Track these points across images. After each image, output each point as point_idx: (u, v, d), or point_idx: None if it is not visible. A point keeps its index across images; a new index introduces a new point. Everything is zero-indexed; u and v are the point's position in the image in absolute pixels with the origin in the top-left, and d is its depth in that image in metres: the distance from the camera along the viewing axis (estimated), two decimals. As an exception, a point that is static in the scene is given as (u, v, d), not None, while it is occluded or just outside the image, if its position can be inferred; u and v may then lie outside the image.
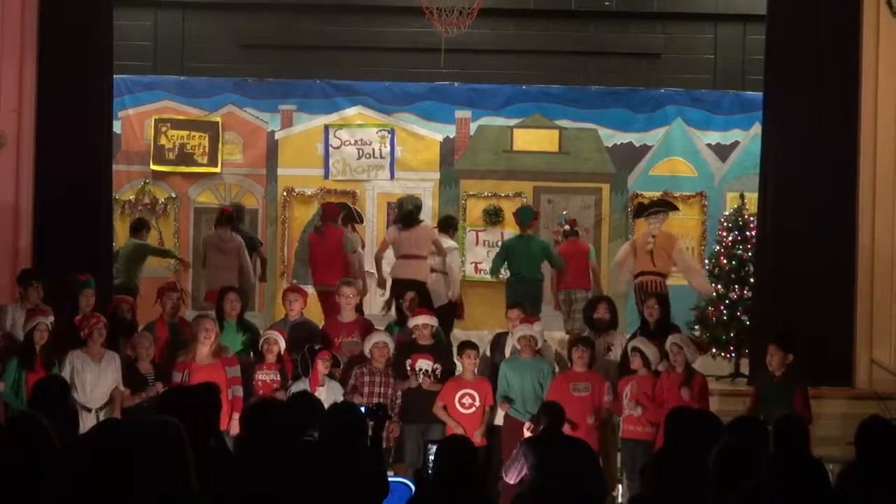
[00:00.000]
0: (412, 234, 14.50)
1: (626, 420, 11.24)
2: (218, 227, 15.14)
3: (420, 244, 14.50)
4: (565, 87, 18.66)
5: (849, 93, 13.93)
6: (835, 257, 13.89)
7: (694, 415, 7.95)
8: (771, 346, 11.31)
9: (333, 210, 15.28)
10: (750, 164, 17.25)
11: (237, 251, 14.86)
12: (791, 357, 11.15)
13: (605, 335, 12.32)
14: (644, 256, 14.46)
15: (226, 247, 14.86)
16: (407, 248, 14.46)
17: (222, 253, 14.82)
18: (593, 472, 9.15)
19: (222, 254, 14.82)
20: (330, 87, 18.64)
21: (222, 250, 14.85)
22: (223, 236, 14.93)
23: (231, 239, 14.90)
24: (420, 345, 11.88)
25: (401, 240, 14.52)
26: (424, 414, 11.49)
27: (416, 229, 14.55)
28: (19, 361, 11.03)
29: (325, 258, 14.66)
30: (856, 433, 7.34)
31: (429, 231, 14.87)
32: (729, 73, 18.81)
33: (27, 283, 12.29)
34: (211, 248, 14.98)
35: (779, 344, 11.22)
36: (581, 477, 8.81)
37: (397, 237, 14.57)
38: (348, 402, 10.28)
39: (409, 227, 14.52)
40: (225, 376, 11.20)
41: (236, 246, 14.87)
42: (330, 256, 14.60)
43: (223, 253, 14.82)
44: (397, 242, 14.58)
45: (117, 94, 16.36)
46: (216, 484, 6.19)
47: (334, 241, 14.77)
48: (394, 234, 14.68)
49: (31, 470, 5.84)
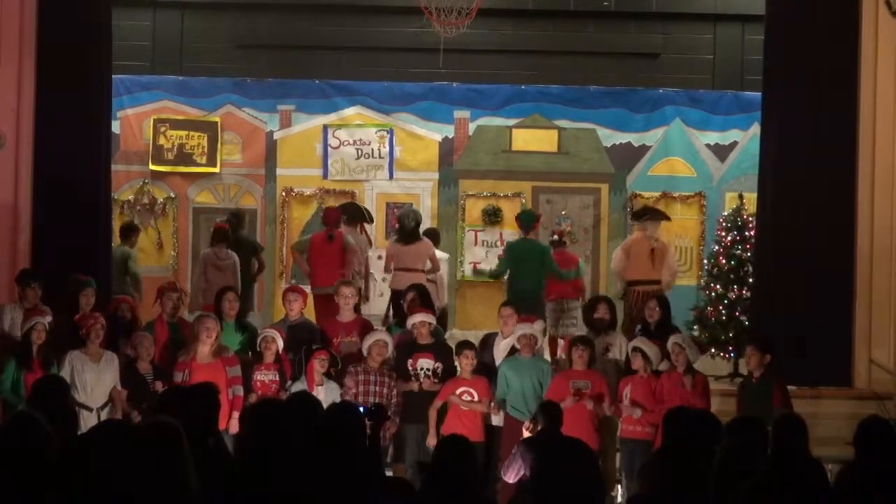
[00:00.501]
0: (412, 248, 14.99)
1: (626, 420, 11.27)
2: (214, 245, 15.28)
3: (418, 259, 14.99)
4: (564, 88, 18.67)
5: (847, 93, 13.92)
6: (833, 257, 13.89)
7: (693, 415, 7.95)
8: (749, 348, 11.67)
9: (334, 215, 15.32)
10: (748, 164, 17.27)
11: (233, 269, 15.08)
12: (768, 358, 11.37)
13: (603, 335, 12.32)
14: (642, 263, 14.59)
15: (222, 264, 15.07)
16: (406, 262, 14.96)
17: (220, 270, 15.01)
18: (592, 472, 9.15)
19: (220, 271, 14.99)
20: (329, 87, 18.64)
21: (219, 268, 15.05)
22: (219, 254, 15.10)
23: (227, 257, 15.11)
24: (420, 344, 11.89)
25: (401, 254, 14.99)
26: (424, 413, 11.50)
27: (416, 245, 15.02)
28: (17, 361, 11.04)
29: (326, 262, 14.68)
30: (854, 433, 7.34)
31: (428, 246, 15.23)
32: (728, 73, 18.82)
33: (25, 283, 12.29)
34: (209, 266, 15.09)
35: (756, 345, 11.54)
36: (579, 477, 8.80)
37: (397, 251, 15.03)
38: (347, 402, 10.28)
39: (409, 243, 14.97)
40: (225, 376, 11.21)
41: (232, 263, 15.10)
42: (332, 261, 14.63)
43: (220, 270, 15.01)
44: (397, 256, 15.02)
45: (116, 94, 16.37)
46: (215, 484, 6.19)
47: (338, 245, 14.92)
48: (394, 248, 15.15)
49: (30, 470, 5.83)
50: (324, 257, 14.83)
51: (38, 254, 13.87)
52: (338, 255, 14.79)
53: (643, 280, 14.70)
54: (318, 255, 14.94)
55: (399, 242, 15.14)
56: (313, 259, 14.94)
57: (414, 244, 15.01)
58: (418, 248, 15.03)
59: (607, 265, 18.06)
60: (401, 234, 15.20)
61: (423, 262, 15.01)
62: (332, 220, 15.16)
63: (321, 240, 15.04)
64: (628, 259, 14.89)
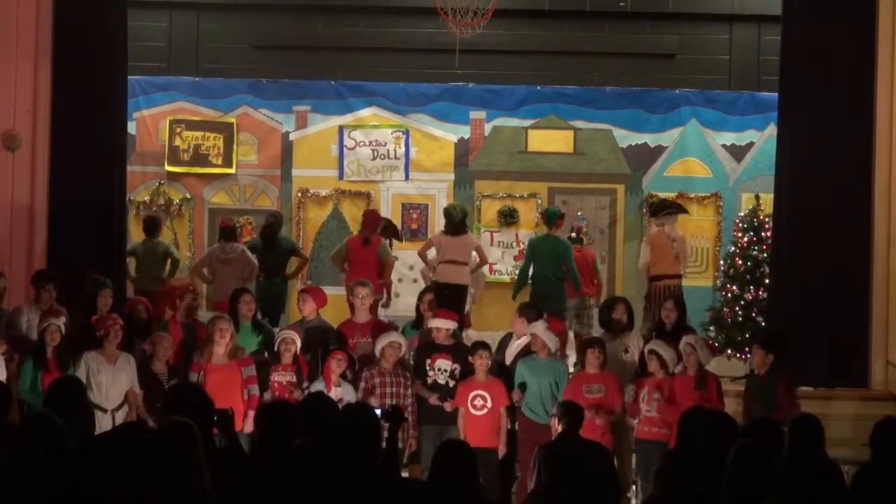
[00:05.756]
0: (458, 240, 15.13)
1: (641, 421, 11.25)
2: (220, 241, 15.45)
3: (465, 251, 15.17)
4: (580, 88, 18.64)
5: (864, 93, 13.88)
6: (850, 258, 13.84)
7: (707, 415, 7.93)
8: (754, 346, 11.80)
9: (375, 218, 15.43)
10: (765, 164, 17.20)
11: (240, 259, 15.17)
12: (772, 357, 11.41)
13: (621, 336, 12.31)
14: (665, 258, 14.60)
15: (229, 258, 15.17)
16: (452, 253, 15.05)
17: (227, 264, 15.11)
18: (608, 473, 9.13)
19: (227, 265, 15.09)
20: (344, 87, 18.64)
21: (226, 261, 15.14)
22: (225, 248, 15.25)
23: (233, 250, 15.24)
24: (439, 345, 11.89)
25: (448, 245, 15.10)
26: (441, 414, 11.49)
27: (462, 237, 15.18)
28: (34, 362, 11.07)
29: (360, 265, 14.71)
30: (871, 434, 7.33)
31: (473, 239, 15.55)
32: (744, 73, 18.77)
33: (41, 284, 12.34)
34: (216, 261, 15.18)
35: (760, 344, 11.65)
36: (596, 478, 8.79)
37: (444, 242, 15.15)
38: (363, 403, 10.29)
39: (456, 235, 15.10)
40: (241, 376, 11.25)
41: (239, 255, 15.20)
42: (368, 263, 14.67)
43: (228, 264, 15.10)
44: (443, 247, 15.12)
45: (132, 95, 16.41)
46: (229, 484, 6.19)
47: (374, 250, 15.06)
48: (441, 239, 15.26)
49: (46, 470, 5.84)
50: (358, 262, 14.89)
51: (53, 255, 13.89)
52: (372, 259, 14.85)
53: (664, 275, 14.70)
54: (352, 259, 15.00)
55: (446, 234, 15.24)
56: (350, 263, 15.00)
57: (460, 236, 15.15)
58: (463, 240, 15.18)
59: (623, 266, 18.06)
60: (448, 226, 15.30)
61: (468, 255, 15.18)
62: (370, 224, 15.25)
63: (357, 243, 15.11)
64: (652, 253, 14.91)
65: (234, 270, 14.97)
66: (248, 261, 15.18)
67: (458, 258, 15.03)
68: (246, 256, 15.22)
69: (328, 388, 11.08)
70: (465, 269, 15.09)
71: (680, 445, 7.72)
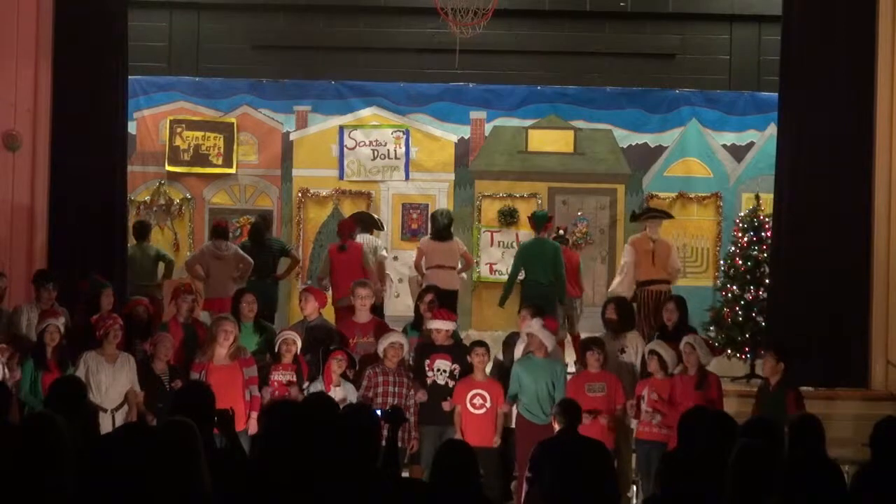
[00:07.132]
0: (445, 246, 15.22)
1: (642, 421, 11.26)
2: (213, 240, 15.52)
3: (452, 256, 15.27)
4: (580, 88, 18.64)
5: (865, 93, 13.89)
6: (850, 258, 13.85)
7: (708, 416, 7.93)
8: (767, 353, 11.82)
9: (349, 226, 15.41)
10: (765, 164, 17.20)
11: (233, 257, 15.22)
12: (782, 366, 11.42)
13: (619, 336, 12.29)
14: (644, 263, 14.64)
15: (222, 255, 15.21)
16: (440, 259, 15.18)
17: (220, 261, 15.15)
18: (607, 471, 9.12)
19: (220, 262, 15.14)
20: (345, 87, 18.64)
21: (220, 258, 15.19)
22: (219, 246, 15.30)
23: (227, 248, 15.29)
24: (438, 345, 11.88)
25: (435, 251, 15.20)
26: (441, 414, 11.49)
27: (448, 242, 15.27)
28: (34, 362, 11.07)
29: (346, 274, 14.67)
30: (871, 434, 7.33)
31: (459, 245, 15.53)
32: (744, 73, 18.77)
33: (41, 284, 12.35)
34: (209, 258, 15.19)
35: (774, 351, 11.64)
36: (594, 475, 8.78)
37: (431, 247, 15.25)
38: (364, 403, 10.29)
39: (443, 240, 15.21)
40: (242, 377, 11.25)
41: (233, 254, 15.26)
42: (351, 272, 14.64)
43: (221, 261, 15.15)
44: (430, 253, 15.21)
45: (132, 94, 16.41)
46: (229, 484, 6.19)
47: (355, 256, 15.01)
48: (428, 245, 15.35)
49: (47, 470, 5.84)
50: (339, 268, 14.86)
51: (54, 255, 13.90)
52: (355, 265, 14.82)
53: (647, 280, 14.74)
54: (334, 266, 15.01)
55: (433, 239, 15.34)
56: (333, 274, 14.98)
57: (447, 242, 15.23)
58: (450, 245, 15.27)
59: (620, 265, 18.07)
60: (434, 232, 15.39)
61: (456, 260, 15.28)
62: (344, 232, 15.27)
63: (335, 249, 15.13)
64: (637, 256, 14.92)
65: (227, 267, 15.03)
66: (241, 257, 15.22)
67: (446, 263, 15.15)
68: (240, 253, 15.28)
69: (328, 388, 11.08)
70: (454, 274, 15.23)
71: (680, 445, 7.73)
